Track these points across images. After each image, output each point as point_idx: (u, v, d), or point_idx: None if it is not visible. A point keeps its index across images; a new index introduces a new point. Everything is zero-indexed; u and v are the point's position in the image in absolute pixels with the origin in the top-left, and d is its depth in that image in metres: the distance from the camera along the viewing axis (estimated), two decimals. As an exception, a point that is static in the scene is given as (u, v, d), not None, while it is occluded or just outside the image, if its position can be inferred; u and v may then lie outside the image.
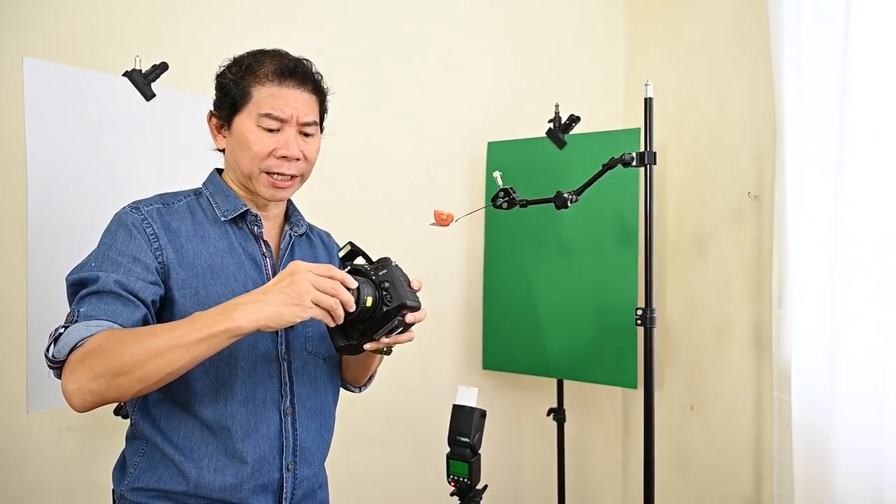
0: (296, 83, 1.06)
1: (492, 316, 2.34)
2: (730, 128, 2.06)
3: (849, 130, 1.46)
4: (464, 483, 1.23)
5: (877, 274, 1.40)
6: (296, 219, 1.20)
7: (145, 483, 1.03)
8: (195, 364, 0.90)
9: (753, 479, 1.93)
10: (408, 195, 2.33)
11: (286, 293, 0.87)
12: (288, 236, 1.16)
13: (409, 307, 0.96)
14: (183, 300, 1.01)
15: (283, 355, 1.09)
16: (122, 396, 0.89)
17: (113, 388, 0.87)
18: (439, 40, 2.41)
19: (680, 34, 2.33)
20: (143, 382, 0.88)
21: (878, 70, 1.39)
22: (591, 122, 2.23)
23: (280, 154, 1.05)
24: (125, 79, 1.62)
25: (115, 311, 0.94)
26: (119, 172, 1.62)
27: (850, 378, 1.41)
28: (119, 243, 1.00)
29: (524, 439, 2.56)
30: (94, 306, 0.93)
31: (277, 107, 1.04)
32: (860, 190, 1.44)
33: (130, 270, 0.97)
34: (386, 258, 1.00)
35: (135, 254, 0.99)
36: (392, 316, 0.95)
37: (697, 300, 2.20)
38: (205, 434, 1.02)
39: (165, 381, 0.90)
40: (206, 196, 1.12)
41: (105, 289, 0.94)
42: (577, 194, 1.75)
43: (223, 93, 1.08)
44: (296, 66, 1.07)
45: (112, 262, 0.98)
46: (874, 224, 1.41)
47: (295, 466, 1.09)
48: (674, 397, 2.27)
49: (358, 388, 1.30)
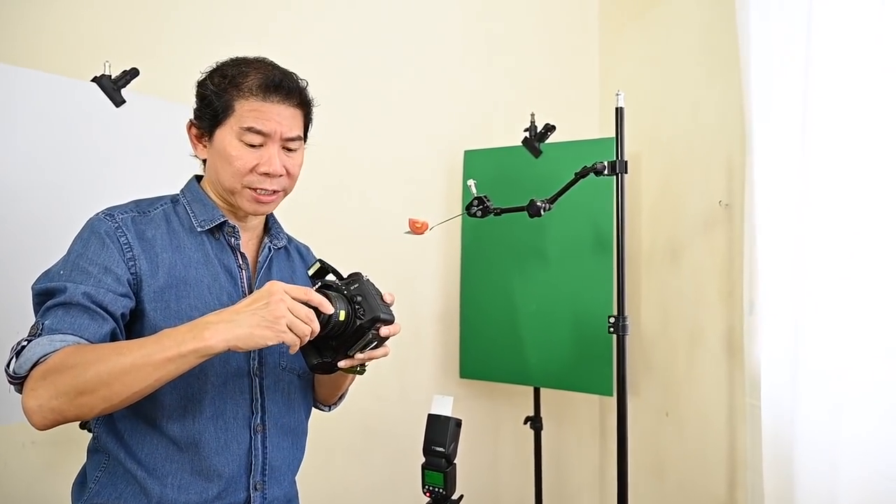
0: (281, 98, 1.03)
1: (469, 324, 2.33)
2: (702, 137, 2.09)
3: (814, 140, 1.49)
4: (439, 494, 1.22)
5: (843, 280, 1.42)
6: (276, 231, 1.17)
7: (105, 500, 0.99)
8: (163, 383, 0.87)
9: (727, 485, 1.95)
10: (384, 204, 2.32)
11: (260, 314, 0.85)
12: (267, 249, 1.13)
13: (382, 320, 0.95)
14: (154, 313, 0.98)
15: (256, 371, 1.06)
16: (84, 416, 0.86)
17: (75, 407, 0.84)
18: (416, 50, 2.41)
19: (653, 46, 2.36)
20: (107, 402, 0.85)
21: (841, 82, 1.43)
22: (566, 131, 2.24)
23: (262, 170, 1.02)
24: (94, 84, 1.59)
25: (82, 324, 0.90)
26: (88, 181, 1.58)
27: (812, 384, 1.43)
28: (90, 252, 0.96)
29: (501, 448, 2.55)
30: (59, 319, 0.90)
31: (261, 122, 1.01)
32: (826, 197, 1.47)
33: (101, 281, 0.94)
34: (357, 273, 0.99)
35: (106, 264, 0.95)
36: (366, 330, 0.94)
37: (671, 307, 2.22)
38: (170, 450, 0.99)
39: (131, 401, 0.87)
40: (183, 204, 1.08)
41: (72, 301, 0.91)
42: (550, 202, 1.76)
43: (204, 103, 1.04)
44: (281, 80, 1.04)
45: (82, 271, 0.94)
46: (840, 231, 1.44)
47: (263, 486, 1.06)
48: (649, 404, 2.29)
49: (328, 406, 1.27)
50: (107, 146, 1.62)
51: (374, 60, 2.33)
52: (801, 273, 1.51)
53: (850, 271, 1.42)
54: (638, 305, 2.36)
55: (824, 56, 1.45)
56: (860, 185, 1.42)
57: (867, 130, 1.41)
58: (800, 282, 1.51)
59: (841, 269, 1.44)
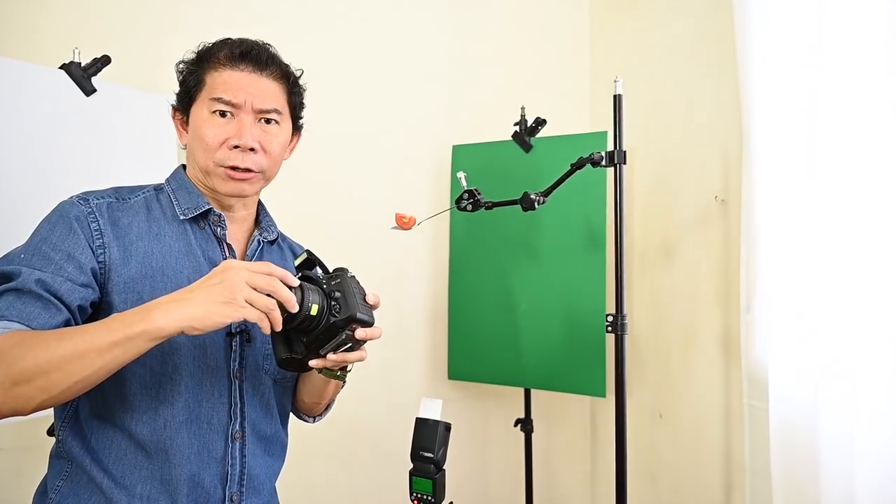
0: (252, 66, 0.98)
1: (457, 324, 2.27)
2: (696, 131, 2.05)
3: (816, 132, 1.45)
4: (428, 501, 1.16)
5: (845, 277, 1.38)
6: (266, 223, 1.10)
7: None
8: (109, 373, 0.79)
9: (723, 488, 1.90)
10: (371, 200, 2.26)
11: (217, 290, 0.78)
12: (256, 241, 1.07)
13: (358, 321, 0.87)
14: (123, 305, 0.90)
15: (236, 373, 0.98)
16: (20, 409, 0.78)
17: (10, 399, 0.76)
18: (403, 43, 2.35)
19: (646, 37, 2.32)
20: (46, 393, 0.77)
21: (845, 72, 1.39)
22: (556, 125, 2.20)
23: (232, 143, 0.96)
24: (62, 72, 1.51)
25: (32, 313, 0.83)
26: (55, 171, 1.50)
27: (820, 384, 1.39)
28: (55, 237, 0.89)
29: (491, 451, 2.50)
30: (9, 304, 0.83)
31: (229, 90, 0.96)
32: (826, 192, 1.43)
33: (61, 269, 0.87)
34: (342, 269, 0.92)
35: (70, 250, 0.88)
36: (339, 329, 0.87)
37: (664, 306, 2.18)
38: (139, 457, 0.91)
39: (74, 393, 0.79)
40: (167, 192, 1.02)
41: (25, 287, 0.84)
42: (544, 195, 1.70)
43: (181, 84, 1.00)
44: (251, 48, 0.98)
45: (43, 256, 0.87)
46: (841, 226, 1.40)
47: (240, 497, 0.98)
48: (642, 405, 2.24)
49: (312, 417, 1.20)
50: (76, 137, 1.54)
51: (359, 53, 2.27)
52: (802, 270, 1.47)
53: (851, 267, 1.38)
54: (630, 304, 2.31)
55: (826, 46, 1.41)
56: (861, 178, 1.38)
57: (869, 123, 1.37)
58: (800, 279, 1.47)
59: (842, 265, 1.40)
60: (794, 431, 1.43)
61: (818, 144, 1.44)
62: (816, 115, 1.45)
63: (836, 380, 1.39)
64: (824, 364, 1.40)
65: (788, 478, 1.42)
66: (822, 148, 1.43)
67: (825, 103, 1.42)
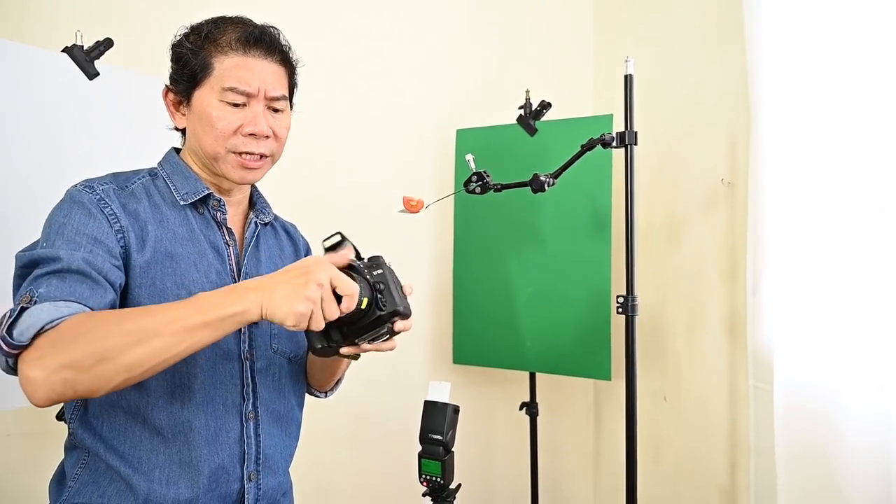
0: (262, 52, 0.96)
1: (462, 308, 2.27)
2: (702, 114, 2.03)
3: (824, 115, 1.44)
4: (437, 483, 1.17)
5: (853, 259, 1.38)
6: (261, 206, 1.10)
7: (87, 499, 0.92)
8: (192, 352, 0.79)
9: (728, 468, 1.91)
10: (374, 183, 2.25)
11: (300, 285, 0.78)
12: (253, 224, 1.06)
13: (401, 314, 0.88)
14: (138, 290, 0.90)
15: (246, 354, 0.99)
16: (98, 389, 0.77)
17: (90, 378, 0.75)
18: (406, 26, 2.33)
19: (651, 18, 2.30)
20: (128, 372, 0.76)
21: (854, 54, 1.38)
22: (559, 108, 2.18)
23: (247, 131, 0.95)
24: (65, 55, 1.50)
25: (83, 293, 0.81)
26: (60, 155, 1.49)
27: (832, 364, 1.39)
28: (75, 222, 0.87)
29: (496, 434, 2.51)
30: (55, 287, 0.80)
31: (243, 79, 0.94)
32: (836, 175, 1.42)
33: (92, 252, 0.85)
34: (378, 257, 0.91)
35: (95, 235, 0.87)
36: (383, 322, 0.87)
37: (669, 288, 2.18)
38: (155, 442, 0.92)
39: (150, 374, 0.78)
40: (162, 177, 1.00)
41: (70, 267, 0.82)
42: (554, 177, 1.70)
43: (180, 64, 0.96)
44: (262, 33, 0.97)
45: (69, 241, 0.85)
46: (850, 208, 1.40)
47: (258, 476, 0.99)
48: (646, 387, 2.24)
49: (324, 393, 1.21)
50: (80, 120, 1.53)
51: (363, 36, 2.25)
52: (808, 252, 1.47)
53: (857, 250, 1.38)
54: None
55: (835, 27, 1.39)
56: (869, 161, 1.38)
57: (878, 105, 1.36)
58: (806, 261, 1.47)
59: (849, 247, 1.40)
60: (799, 413, 1.44)
61: (826, 127, 1.43)
62: (824, 97, 1.44)
63: (841, 361, 1.40)
64: (830, 346, 1.40)
65: (793, 460, 1.43)
66: (830, 131, 1.42)
67: (834, 85, 1.41)
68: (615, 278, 1.99)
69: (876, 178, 1.37)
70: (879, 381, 1.35)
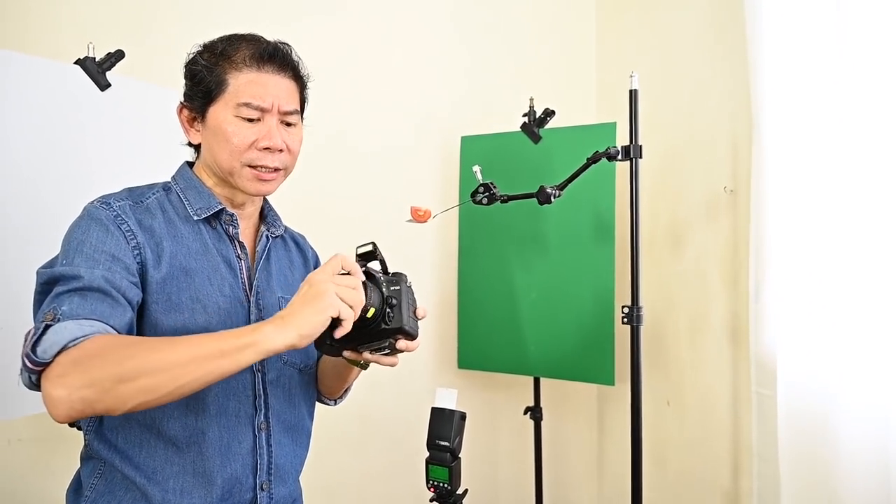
0: (275, 68, 0.98)
1: (467, 313, 2.29)
2: (704, 122, 2.05)
3: (826, 122, 1.45)
4: (444, 488, 1.18)
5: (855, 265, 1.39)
6: (272, 218, 1.12)
7: None
8: (212, 381, 0.81)
9: (731, 474, 1.92)
10: (378, 192, 2.27)
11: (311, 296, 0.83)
12: (265, 238, 1.08)
13: (406, 333, 0.90)
14: (155, 305, 0.92)
15: (257, 366, 1.00)
16: (115, 409, 0.79)
17: (109, 398, 0.77)
18: (410, 34, 2.35)
19: (653, 26, 2.31)
20: (146, 394, 0.78)
21: (856, 62, 1.39)
22: (563, 115, 2.20)
23: (262, 145, 0.97)
24: (78, 67, 1.52)
25: (103, 311, 0.83)
26: (72, 167, 1.51)
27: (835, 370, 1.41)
28: (93, 239, 0.89)
29: (501, 439, 2.52)
30: (77, 305, 0.82)
31: (257, 95, 0.96)
32: (838, 181, 1.43)
33: (111, 269, 0.86)
34: (401, 274, 0.94)
35: (113, 252, 0.88)
36: (386, 336, 0.89)
37: (673, 295, 2.19)
38: (169, 452, 0.94)
39: (173, 398, 0.80)
40: (175, 192, 1.02)
41: (91, 286, 0.83)
42: (559, 189, 1.72)
43: (195, 82, 0.98)
44: (275, 49, 0.99)
45: (88, 258, 0.86)
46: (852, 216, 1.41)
47: (269, 486, 1.01)
48: (650, 393, 2.26)
49: (333, 400, 1.23)
50: (92, 132, 1.55)
51: (368, 45, 2.27)
52: (810, 259, 1.48)
53: (860, 256, 1.40)
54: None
55: (837, 35, 1.41)
56: (871, 168, 1.39)
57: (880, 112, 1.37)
58: (809, 268, 1.48)
59: (851, 254, 1.41)
60: (802, 418, 1.45)
61: (828, 134, 1.44)
62: (826, 105, 1.45)
63: (844, 367, 1.41)
64: (832, 351, 1.41)
65: (796, 464, 1.45)
66: (832, 139, 1.43)
67: (835, 94, 1.42)
68: (618, 284, 2.01)
69: (877, 185, 1.38)
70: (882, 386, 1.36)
